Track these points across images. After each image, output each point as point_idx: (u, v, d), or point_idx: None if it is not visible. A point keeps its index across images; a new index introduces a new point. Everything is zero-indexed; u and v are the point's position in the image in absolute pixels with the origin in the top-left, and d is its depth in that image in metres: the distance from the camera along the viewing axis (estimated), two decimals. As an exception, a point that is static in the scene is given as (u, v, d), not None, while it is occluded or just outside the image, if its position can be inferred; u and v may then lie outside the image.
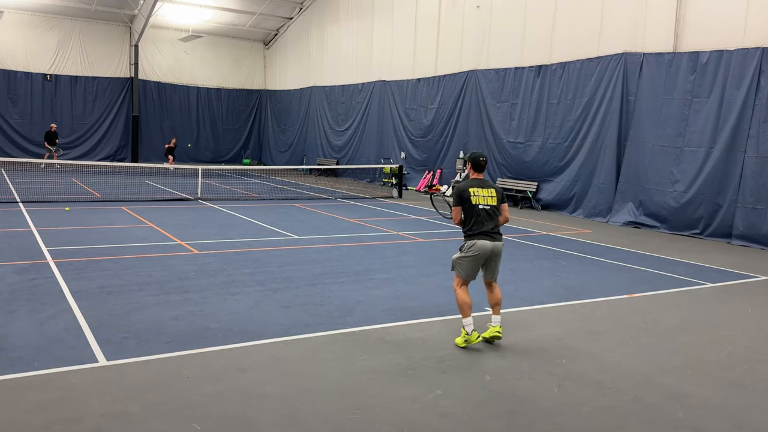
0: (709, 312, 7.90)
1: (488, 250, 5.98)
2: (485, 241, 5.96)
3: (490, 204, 6.05)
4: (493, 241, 6.00)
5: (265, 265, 9.32)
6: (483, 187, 6.11)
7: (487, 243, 5.96)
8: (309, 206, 17.04)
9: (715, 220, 13.92)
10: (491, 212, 6.04)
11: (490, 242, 5.98)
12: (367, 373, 5.29)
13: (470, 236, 6.01)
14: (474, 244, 5.96)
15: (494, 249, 6.02)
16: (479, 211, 6.00)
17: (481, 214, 5.99)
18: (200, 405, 4.55)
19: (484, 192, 6.07)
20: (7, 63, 28.54)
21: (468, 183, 6.14)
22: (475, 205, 6.00)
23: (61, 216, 13.31)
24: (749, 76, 13.28)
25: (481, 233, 5.97)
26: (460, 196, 6.06)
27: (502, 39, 19.81)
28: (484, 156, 6.26)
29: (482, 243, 5.95)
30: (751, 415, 4.79)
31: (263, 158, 35.41)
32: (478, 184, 6.12)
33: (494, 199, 6.08)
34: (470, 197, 6.02)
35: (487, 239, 5.97)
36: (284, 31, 33.31)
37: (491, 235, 6.00)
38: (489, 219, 6.01)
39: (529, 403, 4.84)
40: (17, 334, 5.84)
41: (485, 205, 6.02)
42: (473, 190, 6.05)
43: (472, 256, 6.00)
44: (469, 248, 5.99)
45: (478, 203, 6.01)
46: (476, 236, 5.97)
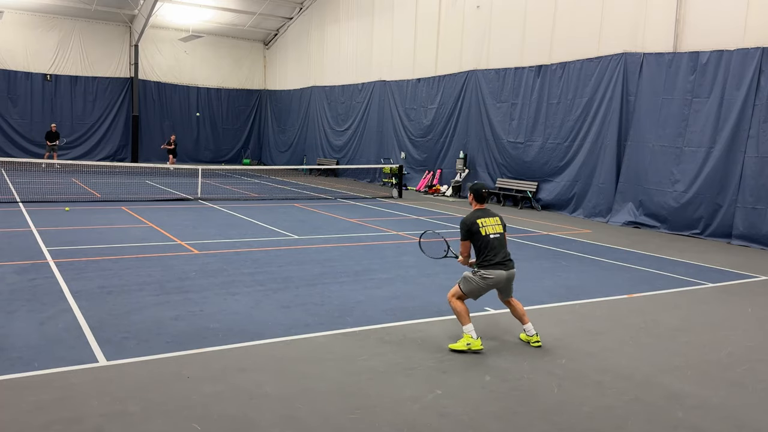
0: (709, 312, 7.90)
1: (503, 279, 5.99)
2: (501, 271, 5.95)
3: (499, 232, 6.05)
4: (508, 270, 6.00)
5: (265, 265, 9.32)
6: (488, 216, 6.11)
7: (503, 273, 5.96)
8: (309, 206, 17.04)
9: (715, 220, 13.93)
10: (502, 240, 6.04)
11: (505, 271, 5.98)
12: (367, 373, 5.29)
13: (486, 267, 5.95)
14: (490, 275, 5.92)
15: (509, 276, 6.03)
16: (490, 240, 5.97)
17: (492, 243, 5.97)
18: (200, 405, 4.55)
19: (491, 221, 6.07)
20: (7, 63, 28.54)
21: (473, 215, 6.11)
22: (485, 235, 5.98)
23: (61, 216, 13.31)
24: (749, 76, 13.28)
25: (497, 263, 5.95)
26: (468, 230, 6.02)
27: (502, 39, 19.81)
28: (486, 187, 6.28)
29: (498, 273, 5.93)
30: (751, 415, 4.79)
31: (263, 158, 35.41)
32: (484, 215, 6.11)
33: (500, 226, 6.10)
34: (479, 229, 5.99)
35: (503, 269, 5.96)
36: (284, 31, 33.31)
37: (505, 263, 5.99)
38: (501, 247, 6.01)
39: (529, 403, 4.84)
40: (17, 334, 5.84)
41: (495, 234, 6.01)
42: (481, 221, 6.03)
43: (485, 284, 5.95)
44: (484, 277, 5.93)
45: (488, 233, 5.99)
46: (492, 267, 5.93)
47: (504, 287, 6.11)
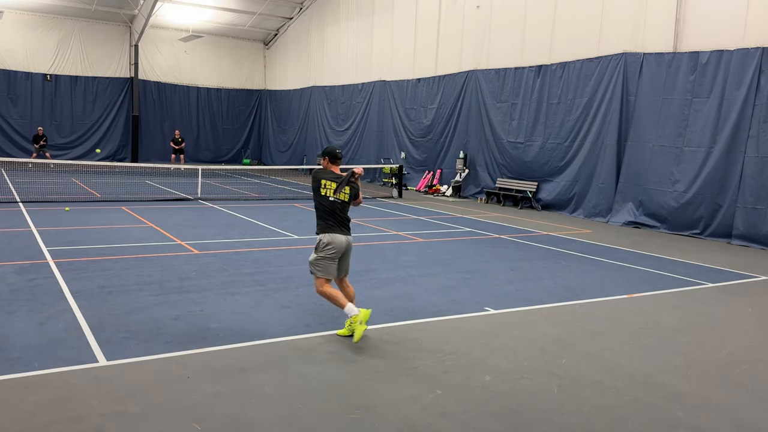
0: (709, 312, 7.90)
1: (343, 245, 5.98)
2: (339, 236, 5.93)
3: (341, 199, 6.02)
4: (345, 235, 5.99)
5: (265, 265, 9.32)
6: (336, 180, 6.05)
7: (341, 237, 5.95)
8: (309, 206, 17.03)
9: (715, 220, 13.93)
10: (343, 206, 6.02)
11: (344, 236, 5.97)
12: (367, 373, 5.29)
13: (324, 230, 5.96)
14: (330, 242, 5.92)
15: (348, 243, 6.03)
16: (332, 203, 5.96)
17: (334, 205, 5.96)
18: (200, 405, 4.54)
19: (335, 185, 6.02)
20: (7, 63, 28.54)
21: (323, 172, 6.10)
22: (325, 195, 5.96)
23: (61, 216, 13.31)
24: (749, 76, 13.28)
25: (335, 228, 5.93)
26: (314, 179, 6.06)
27: (502, 39, 19.81)
28: (339, 149, 6.26)
29: (337, 238, 5.92)
30: (751, 415, 4.79)
31: (263, 158, 35.41)
32: (332, 177, 6.06)
33: (346, 195, 6.04)
34: (320, 187, 5.97)
35: (340, 234, 5.95)
36: (284, 31, 33.31)
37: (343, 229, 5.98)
38: (341, 212, 5.99)
39: (529, 403, 4.84)
40: (17, 334, 5.84)
41: (336, 198, 5.99)
42: (324, 181, 6.00)
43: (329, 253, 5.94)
44: (325, 246, 5.94)
45: (328, 195, 5.97)
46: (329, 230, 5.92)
47: (343, 258, 6.06)
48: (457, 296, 7.97)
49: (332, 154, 6.16)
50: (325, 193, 5.97)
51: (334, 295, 5.93)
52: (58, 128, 29.62)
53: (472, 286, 8.56)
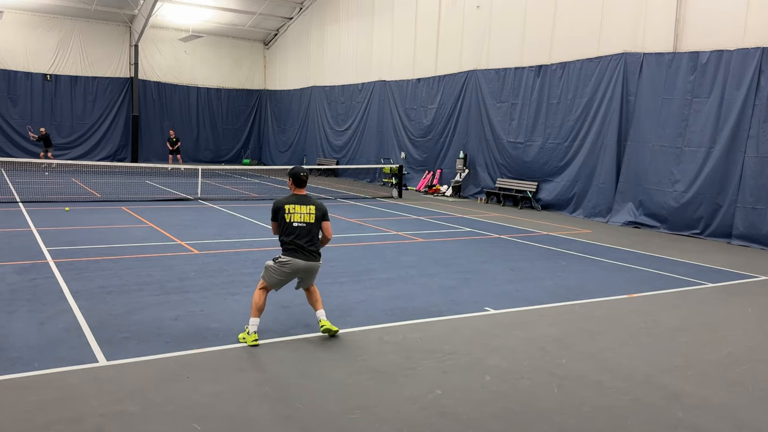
0: (709, 312, 7.90)
1: (301, 269, 5.93)
2: (299, 260, 5.89)
3: (306, 221, 5.93)
4: (307, 261, 5.92)
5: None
6: (302, 204, 5.97)
7: (300, 262, 5.90)
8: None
9: (715, 220, 13.93)
10: (308, 230, 5.93)
11: (303, 261, 5.91)
12: (367, 373, 5.29)
13: (286, 252, 5.92)
14: (289, 262, 5.88)
15: (307, 268, 5.96)
16: (294, 228, 5.89)
17: (295, 231, 5.89)
18: (200, 405, 4.55)
19: (302, 209, 5.95)
20: (7, 63, 28.55)
21: (287, 199, 6.01)
22: (289, 222, 5.90)
23: (61, 216, 13.30)
24: (749, 76, 13.28)
25: (296, 251, 5.89)
26: (275, 212, 5.98)
27: (502, 39, 19.81)
28: (305, 171, 6.12)
29: (296, 261, 5.88)
30: (751, 415, 4.79)
31: (263, 158, 35.41)
32: (298, 201, 5.98)
33: (311, 216, 5.95)
34: (285, 215, 5.91)
35: (302, 258, 5.90)
36: (284, 31, 33.31)
37: (306, 253, 5.92)
38: (305, 236, 5.91)
39: (529, 403, 4.84)
40: (17, 334, 5.84)
41: (300, 222, 5.91)
42: (290, 207, 5.92)
43: (282, 272, 5.92)
44: (283, 264, 5.90)
45: (293, 221, 5.90)
46: (290, 253, 5.89)
47: (303, 277, 6.06)
48: (457, 296, 7.97)
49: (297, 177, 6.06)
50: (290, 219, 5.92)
51: (256, 302, 5.92)
52: (58, 128, 29.62)
53: (472, 286, 8.56)
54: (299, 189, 6.06)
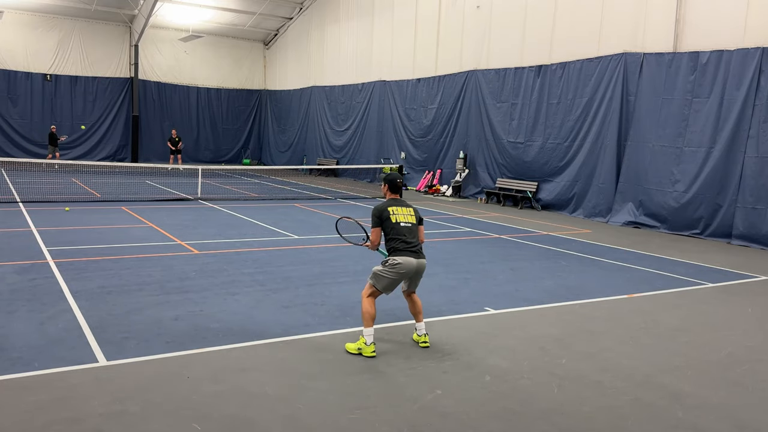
0: (709, 312, 7.90)
1: (413, 267, 5.90)
2: (410, 258, 5.88)
3: (411, 221, 6.02)
4: (418, 258, 5.93)
5: (265, 265, 9.31)
6: (402, 206, 6.10)
7: (413, 260, 5.89)
8: (309, 206, 17.04)
9: (715, 220, 13.93)
10: (413, 230, 6.00)
11: (415, 259, 5.90)
12: (367, 373, 5.29)
13: (395, 253, 5.91)
14: (400, 262, 5.85)
15: (418, 266, 5.95)
16: (401, 228, 5.94)
17: (402, 230, 5.94)
18: (200, 405, 4.55)
19: (403, 210, 6.06)
20: (7, 63, 28.54)
21: (386, 203, 6.10)
22: (395, 222, 5.94)
23: (61, 216, 13.31)
24: (749, 76, 13.28)
25: (407, 250, 5.89)
26: (378, 216, 5.98)
27: (502, 39, 19.81)
28: (401, 177, 6.28)
29: (408, 260, 5.87)
30: (751, 415, 4.79)
31: (263, 158, 35.41)
32: (397, 204, 6.10)
33: (413, 217, 6.07)
34: (390, 216, 5.96)
35: (413, 256, 5.90)
36: (284, 31, 33.31)
37: (416, 251, 5.93)
38: (411, 236, 5.96)
39: (529, 403, 4.84)
40: (17, 334, 5.84)
41: (406, 223, 5.98)
42: (392, 209, 6.01)
43: (395, 273, 5.86)
44: (393, 264, 5.87)
45: (399, 221, 5.96)
46: (401, 253, 5.88)
47: (413, 278, 6.05)
48: (457, 296, 7.97)
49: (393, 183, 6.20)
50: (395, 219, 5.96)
51: (365, 312, 5.83)
52: (58, 128, 29.55)
53: (472, 286, 8.56)
54: (395, 194, 6.20)
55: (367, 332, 5.73)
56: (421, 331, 6.08)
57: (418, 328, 6.10)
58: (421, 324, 6.10)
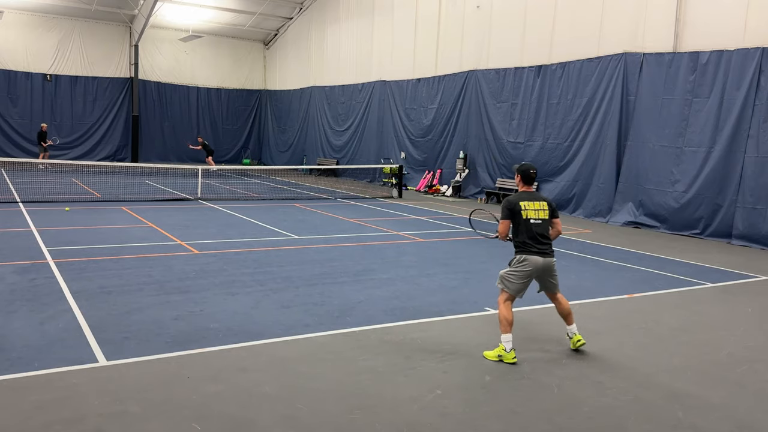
0: (709, 312, 7.90)
1: (540, 267, 5.76)
2: (537, 257, 5.73)
3: (542, 218, 5.83)
4: (545, 257, 5.78)
5: (265, 265, 9.32)
6: (534, 200, 5.88)
7: (539, 259, 5.74)
8: (309, 206, 17.04)
9: (715, 220, 13.93)
10: (543, 226, 5.84)
11: (542, 258, 5.75)
12: (367, 373, 5.29)
13: (521, 252, 5.79)
14: (526, 260, 5.73)
15: (546, 265, 5.79)
16: (530, 225, 5.78)
17: (531, 228, 5.77)
18: (200, 405, 4.55)
19: (535, 205, 5.85)
20: (7, 63, 28.54)
21: (518, 196, 5.88)
22: (525, 219, 5.78)
23: (61, 216, 13.30)
24: (749, 76, 13.28)
25: (533, 249, 5.75)
26: (510, 209, 5.81)
27: (502, 39, 19.81)
28: (534, 168, 6.03)
29: (534, 259, 5.72)
30: (751, 415, 4.79)
31: (263, 158, 35.41)
32: (529, 198, 5.89)
33: (545, 212, 5.87)
34: (521, 211, 5.78)
35: (539, 255, 5.75)
36: (284, 31, 33.31)
37: (543, 251, 5.78)
38: (540, 233, 5.79)
39: (529, 403, 4.84)
40: (17, 334, 5.84)
41: (536, 219, 5.81)
42: (524, 204, 5.81)
43: (522, 273, 5.76)
44: (520, 262, 5.75)
45: (529, 217, 5.79)
46: (527, 252, 5.75)
47: (543, 278, 5.88)
48: (457, 296, 7.97)
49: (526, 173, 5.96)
50: (526, 216, 5.79)
51: (502, 317, 5.74)
52: (58, 128, 29.59)
53: (472, 286, 8.57)
54: (528, 186, 5.99)
55: (505, 338, 5.65)
56: (572, 332, 5.96)
57: (569, 330, 5.98)
58: (572, 327, 5.98)
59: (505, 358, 5.63)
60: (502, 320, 5.74)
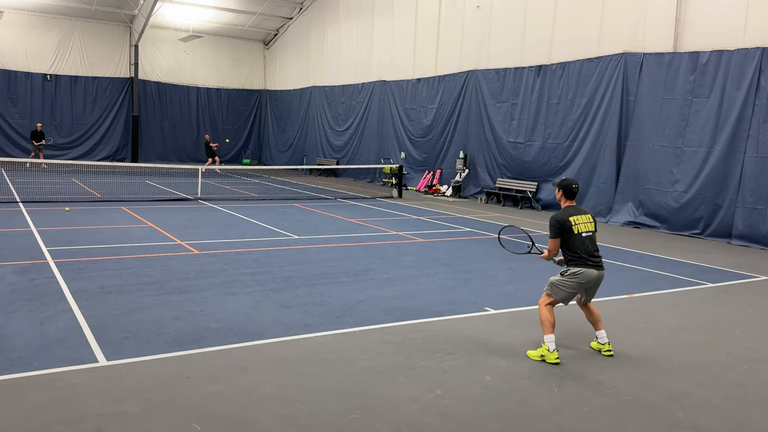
0: (709, 312, 7.90)
1: (593, 279, 5.87)
2: (592, 270, 5.83)
3: (591, 230, 5.92)
4: (599, 270, 5.89)
5: (265, 265, 9.32)
6: (580, 214, 5.95)
7: (594, 272, 5.83)
8: (309, 206, 17.04)
9: (715, 220, 13.93)
10: (593, 239, 5.93)
11: (596, 271, 5.86)
12: (367, 373, 5.29)
13: (578, 265, 5.84)
14: (581, 273, 5.80)
15: (599, 277, 5.90)
16: (584, 239, 5.84)
17: (585, 242, 5.84)
18: (200, 405, 4.55)
19: (583, 219, 5.92)
20: (7, 63, 28.53)
21: (566, 212, 5.92)
22: (578, 233, 5.83)
23: (61, 216, 13.30)
24: (749, 76, 13.28)
25: (589, 263, 5.83)
26: (561, 227, 5.83)
27: (502, 39, 19.81)
28: (576, 183, 6.11)
29: (590, 272, 5.82)
30: (751, 415, 4.79)
31: (263, 158, 35.41)
32: (576, 212, 5.94)
33: (592, 224, 5.96)
34: (572, 227, 5.84)
35: (594, 268, 5.84)
36: (284, 31, 33.31)
37: (597, 264, 5.87)
38: (593, 246, 5.89)
39: (529, 403, 4.84)
40: (17, 334, 5.84)
41: (587, 232, 5.88)
42: (574, 219, 5.87)
43: (576, 284, 5.84)
44: (575, 275, 5.81)
45: (581, 231, 5.85)
46: (584, 265, 5.82)
47: (591, 287, 5.99)
48: (457, 296, 7.97)
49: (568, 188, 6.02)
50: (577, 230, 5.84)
51: (545, 319, 5.82)
52: (58, 128, 29.60)
53: (472, 286, 8.56)
54: (571, 201, 6.06)
55: (548, 339, 5.73)
56: (603, 339, 6.02)
57: (599, 337, 6.05)
58: (602, 332, 6.05)
59: (547, 358, 5.71)
60: (544, 321, 5.82)
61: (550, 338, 5.73)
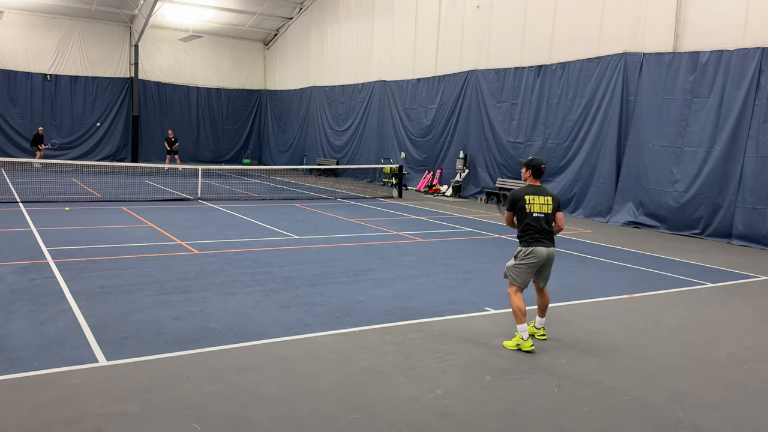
0: (709, 312, 7.90)
1: (543, 257, 6.00)
2: (541, 248, 5.98)
3: (545, 212, 6.04)
4: (547, 247, 6.02)
5: (265, 265, 9.32)
6: (539, 194, 6.09)
7: (543, 249, 5.98)
8: (309, 206, 17.04)
9: (715, 220, 13.93)
10: (546, 220, 6.04)
11: (545, 248, 6.00)
12: (367, 373, 5.29)
13: (526, 244, 6.01)
14: (531, 252, 5.96)
15: (549, 255, 6.04)
16: (533, 218, 6.00)
17: (534, 221, 5.99)
18: (200, 405, 4.55)
19: (540, 200, 6.05)
20: (7, 63, 28.54)
21: (524, 190, 6.12)
22: (529, 212, 6.00)
23: (61, 216, 13.30)
24: (749, 76, 13.28)
25: (537, 240, 5.98)
26: (513, 202, 6.08)
27: (502, 39, 19.81)
28: (544, 163, 6.25)
29: (538, 250, 5.97)
30: (751, 415, 4.79)
31: (263, 158, 35.41)
32: (535, 192, 6.09)
33: (549, 207, 6.07)
34: (525, 205, 6.01)
35: (542, 246, 5.99)
36: (284, 31, 33.31)
37: (544, 241, 6.01)
38: (543, 226, 6.01)
39: (529, 403, 4.84)
40: (17, 334, 5.84)
41: (539, 213, 6.02)
42: (529, 198, 6.03)
43: (528, 264, 5.99)
44: (526, 255, 5.98)
45: (532, 211, 6.01)
46: (531, 243, 5.98)
47: (543, 268, 6.11)
48: (457, 296, 7.97)
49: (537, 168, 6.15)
50: (530, 209, 6.01)
51: (515, 308, 5.98)
52: (58, 128, 29.61)
53: (472, 286, 8.56)
54: (536, 180, 6.18)
55: (521, 328, 5.94)
56: (540, 324, 6.33)
57: (537, 322, 6.34)
58: (542, 320, 6.34)
59: (522, 346, 5.92)
60: (515, 311, 5.99)
61: (522, 327, 5.95)
